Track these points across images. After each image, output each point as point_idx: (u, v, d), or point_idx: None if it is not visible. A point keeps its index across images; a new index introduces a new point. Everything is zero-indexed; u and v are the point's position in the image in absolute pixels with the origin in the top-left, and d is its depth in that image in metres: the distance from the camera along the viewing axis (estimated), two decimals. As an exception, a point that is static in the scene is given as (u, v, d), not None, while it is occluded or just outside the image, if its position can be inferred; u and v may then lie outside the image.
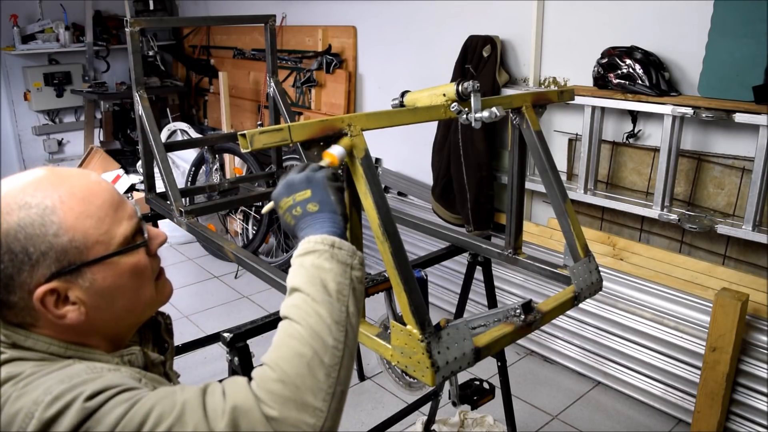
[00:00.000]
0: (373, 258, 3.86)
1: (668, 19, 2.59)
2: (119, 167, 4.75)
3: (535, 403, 2.79)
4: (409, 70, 3.76)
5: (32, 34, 5.25)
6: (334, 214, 0.97)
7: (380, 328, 1.31)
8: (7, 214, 0.79)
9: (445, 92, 1.40)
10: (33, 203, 0.80)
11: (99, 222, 0.83)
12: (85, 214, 0.82)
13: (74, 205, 0.82)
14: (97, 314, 0.85)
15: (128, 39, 2.38)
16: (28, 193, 0.81)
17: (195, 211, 2.31)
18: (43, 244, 0.79)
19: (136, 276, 0.88)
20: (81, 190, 0.83)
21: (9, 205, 0.80)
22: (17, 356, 0.81)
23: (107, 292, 0.85)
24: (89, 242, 0.82)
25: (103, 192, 0.86)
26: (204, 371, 2.95)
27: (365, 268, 0.96)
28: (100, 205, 0.84)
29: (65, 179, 0.84)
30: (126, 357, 0.88)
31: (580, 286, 1.54)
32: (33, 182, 0.83)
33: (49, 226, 0.80)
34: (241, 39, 5.09)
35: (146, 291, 0.91)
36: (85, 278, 0.83)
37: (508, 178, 1.73)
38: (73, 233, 0.81)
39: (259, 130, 1.11)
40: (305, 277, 0.88)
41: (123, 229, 0.86)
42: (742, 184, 2.52)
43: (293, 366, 0.79)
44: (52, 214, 0.80)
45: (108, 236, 0.84)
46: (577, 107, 2.86)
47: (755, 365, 2.37)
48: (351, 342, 0.85)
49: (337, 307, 0.85)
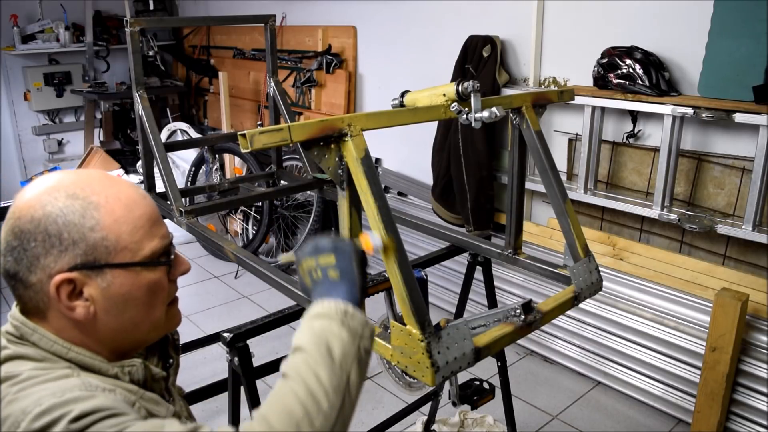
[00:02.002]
0: (373, 258, 3.86)
1: (668, 19, 2.59)
2: (119, 167, 4.76)
3: (535, 403, 2.79)
4: (409, 70, 3.76)
5: (32, 34, 5.25)
6: (352, 285, 0.97)
7: (380, 328, 1.31)
8: (55, 199, 0.83)
9: (445, 92, 1.40)
10: (80, 195, 0.84)
11: (133, 231, 0.86)
12: (124, 219, 0.86)
13: (116, 208, 0.85)
14: (104, 318, 0.86)
15: (128, 39, 2.38)
16: (78, 186, 0.85)
17: (195, 211, 2.31)
18: (77, 233, 0.83)
19: (151, 293, 0.89)
20: (126, 198, 0.87)
21: (58, 191, 0.84)
22: (20, 353, 0.83)
23: (120, 299, 0.86)
24: (119, 246, 0.85)
25: (145, 206, 0.89)
26: (204, 371, 2.95)
27: (374, 337, 0.96)
28: (138, 216, 0.87)
29: (115, 184, 0.88)
30: (127, 368, 0.89)
31: (580, 286, 1.54)
32: (86, 178, 0.87)
33: (88, 220, 0.83)
34: (241, 39, 5.09)
35: (156, 311, 0.92)
36: (105, 279, 0.85)
37: (508, 178, 1.73)
38: (107, 233, 0.84)
39: (259, 130, 1.11)
40: (311, 338, 0.88)
41: (153, 245, 0.88)
42: (742, 184, 2.52)
43: (281, 422, 0.78)
44: (95, 210, 0.84)
45: (137, 246, 0.87)
46: (577, 107, 2.86)
47: (755, 365, 2.37)
48: (347, 411, 0.84)
49: (338, 374, 0.84)
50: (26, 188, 0.86)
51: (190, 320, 3.50)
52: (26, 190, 0.86)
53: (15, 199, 0.86)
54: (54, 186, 0.85)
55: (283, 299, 1.64)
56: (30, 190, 0.85)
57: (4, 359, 0.83)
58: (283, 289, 1.67)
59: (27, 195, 0.85)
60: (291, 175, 3.23)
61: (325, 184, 2.64)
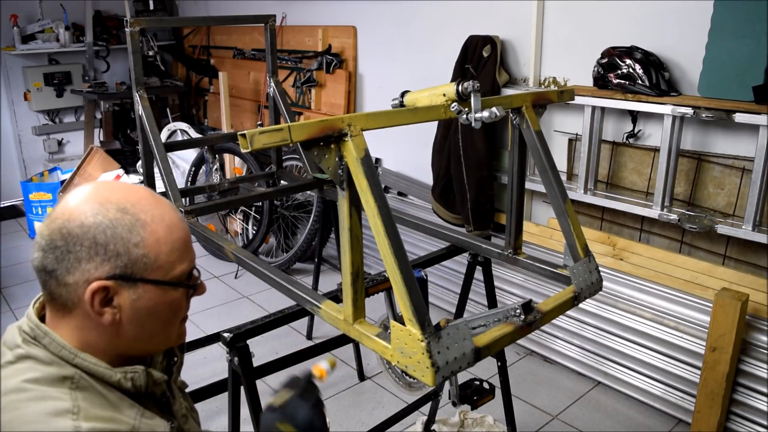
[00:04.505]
0: (373, 258, 3.86)
1: (668, 19, 2.59)
2: (119, 167, 4.75)
3: (535, 403, 2.79)
4: (409, 70, 3.76)
5: (32, 34, 5.25)
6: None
7: (380, 328, 1.31)
8: (107, 210, 0.88)
9: (445, 92, 1.40)
10: (130, 211, 0.90)
11: (170, 252, 0.92)
12: (164, 240, 0.92)
13: (159, 229, 0.91)
14: (126, 327, 0.92)
15: (128, 39, 2.38)
16: (129, 202, 0.91)
17: (195, 211, 2.31)
18: (122, 247, 0.88)
19: (172, 310, 0.96)
20: (168, 221, 0.93)
21: (110, 202, 0.89)
22: (32, 354, 0.89)
23: (146, 311, 0.92)
24: (155, 264, 0.91)
25: (183, 231, 0.96)
26: (204, 371, 2.95)
27: None
28: (176, 239, 0.94)
29: (160, 205, 0.94)
30: (129, 374, 0.92)
31: (580, 286, 1.54)
32: (136, 195, 0.93)
33: (134, 236, 0.89)
34: (241, 39, 5.09)
35: (172, 327, 0.99)
36: (136, 291, 0.90)
37: (508, 178, 1.73)
38: (148, 251, 0.90)
39: (259, 130, 1.11)
40: None
41: (183, 267, 0.95)
42: (742, 184, 2.52)
43: None
44: (141, 228, 0.89)
45: (170, 267, 0.93)
46: (577, 107, 2.86)
47: (755, 365, 2.37)
48: None
49: None
50: (77, 192, 0.91)
51: (190, 320, 3.47)
52: (77, 195, 0.90)
53: (64, 200, 0.90)
54: (106, 197, 0.90)
55: (283, 299, 1.64)
56: (81, 196, 0.90)
57: (17, 358, 0.88)
58: (283, 289, 1.67)
59: (78, 200, 0.89)
60: (291, 175, 3.23)
61: (325, 184, 2.64)
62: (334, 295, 1.64)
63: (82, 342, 0.91)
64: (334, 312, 1.42)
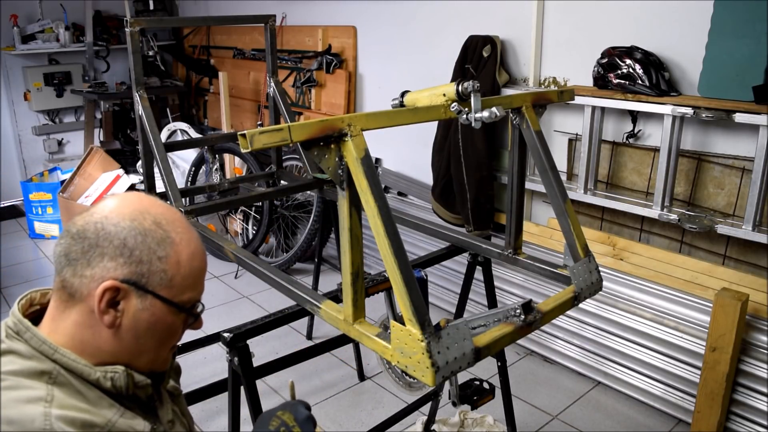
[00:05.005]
0: (373, 258, 3.86)
1: (668, 19, 2.59)
2: (119, 167, 4.75)
3: (535, 403, 2.79)
4: (409, 70, 3.76)
5: (32, 34, 5.25)
6: None
7: (380, 328, 1.31)
8: (144, 218, 0.93)
9: (445, 92, 1.40)
10: (164, 227, 0.94)
11: (186, 277, 0.96)
12: (185, 264, 0.95)
13: (184, 252, 0.95)
14: (123, 334, 0.93)
15: (128, 39, 2.38)
16: (165, 218, 0.95)
17: (195, 211, 2.31)
18: (147, 256, 0.91)
19: (169, 332, 0.98)
20: (194, 248, 0.98)
21: (149, 213, 0.94)
22: (13, 348, 0.90)
23: (145, 325, 0.94)
24: (170, 283, 0.94)
25: (203, 262, 1.00)
26: (204, 371, 2.95)
27: None
28: (195, 267, 0.97)
29: (191, 232, 0.99)
30: (109, 374, 0.92)
31: (580, 286, 1.54)
32: (172, 215, 0.97)
33: (161, 250, 0.93)
34: (241, 39, 5.09)
35: (164, 349, 1.00)
36: (143, 302, 0.92)
37: (508, 178, 1.73)
38: (168, 267, 0.93)
39: (259, 130, 1.11)
40: None
41: (191, 295, 0.98)
42: (742, 184, 2.52)
43: None
44: (169, 246, 0.93)
45: (181, 290, 0.96)
46: (577, 107, 2.86)
47: (755, 365, 2.37)
48: None
49: None
50: (120, 197, 0.96)
51: (190, 320, 3.50)
52: (120, 199, 0.95)
53: (105, 200, 0.95)
54: (147, 209, 0.94)
55: (283, 299, 1.64)
56: (124, 201, 0.95)
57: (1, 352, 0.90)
58: (283, 289, 1.67)
59: (120, 203, 0.94)
60: (291, 175, 3.23)
61: (325, 184, 2.64)
62: (334, 295, 1.64)
63: (74, 338, 0.92)
64: (334, 312, 1.42)
